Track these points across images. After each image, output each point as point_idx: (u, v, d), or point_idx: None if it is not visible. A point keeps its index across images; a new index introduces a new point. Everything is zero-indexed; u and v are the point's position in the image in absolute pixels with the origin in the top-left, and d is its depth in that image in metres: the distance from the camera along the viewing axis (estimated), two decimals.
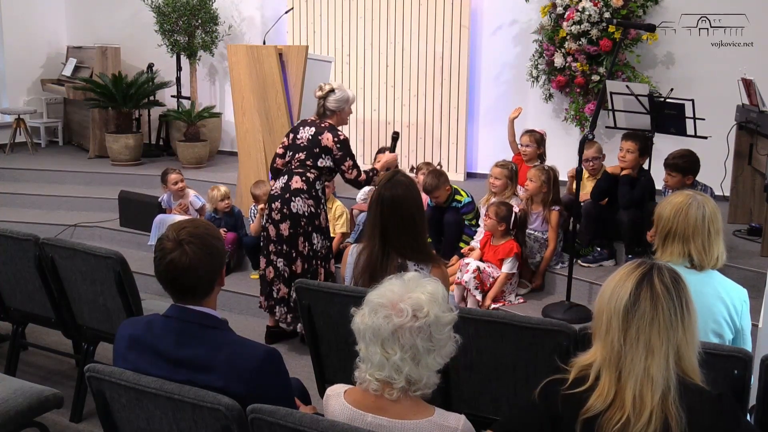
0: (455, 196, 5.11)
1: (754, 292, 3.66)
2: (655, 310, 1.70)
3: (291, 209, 4.28)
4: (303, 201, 4.29)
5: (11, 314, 3.88)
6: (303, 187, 4.29)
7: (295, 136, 4.39)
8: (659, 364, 1.67)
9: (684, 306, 1.72)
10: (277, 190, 4.35)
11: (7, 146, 8.59)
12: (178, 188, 5.81)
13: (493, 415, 2.70)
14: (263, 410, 1.84)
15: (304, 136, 4.35)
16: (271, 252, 4.38)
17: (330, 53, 7.51)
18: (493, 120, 7.28)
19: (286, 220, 4.30)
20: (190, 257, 2.02)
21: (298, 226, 4.30)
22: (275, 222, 4.33)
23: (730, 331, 2.58)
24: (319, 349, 2.97)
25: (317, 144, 4.30)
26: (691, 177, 4.60)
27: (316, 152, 4.31)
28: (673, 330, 1.70)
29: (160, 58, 8.31)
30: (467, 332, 2.52)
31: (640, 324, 1.69)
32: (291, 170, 4.34)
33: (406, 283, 1.87)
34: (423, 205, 2.99)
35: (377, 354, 1.80)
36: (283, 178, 4.36)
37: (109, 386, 2.09)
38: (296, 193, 4.28)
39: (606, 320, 1.74)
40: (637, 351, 1.68)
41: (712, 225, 2.54)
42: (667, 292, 1.71)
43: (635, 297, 1.71)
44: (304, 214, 4.30)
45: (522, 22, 7.00)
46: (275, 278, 4.39)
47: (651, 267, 1.77)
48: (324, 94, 4.38)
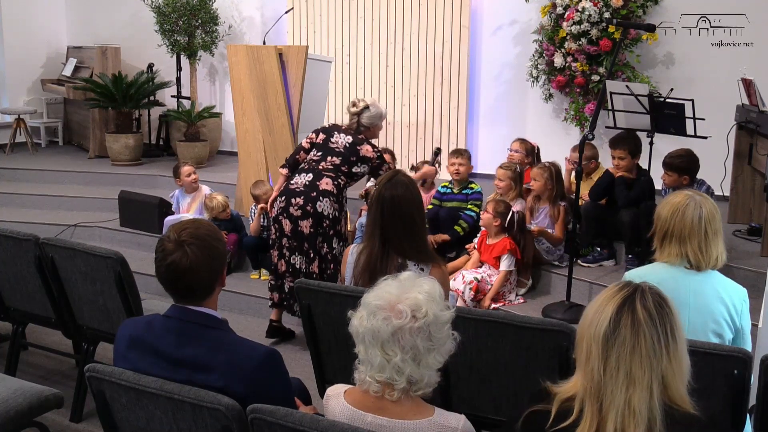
0: (470, 184, 5.23)
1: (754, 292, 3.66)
2: (636, 338, 1.58)
3: (316, 208, 4.26)
4: (330, 203, 4.30)
5: (11, 314, 3.87)
6: (333, 190, 4.31)
7: (327, 138, 4.42)
8: (641, 396, 1.56)
9: (669, 332, 1.61)
10: (299, 186, 4.31)
11: (7, 146, 8.59)
12: (192, 180, 5.81)
13: (493, 415, 2.70)
14: (263, 410, 1.84)
15: (341, 142, 4.40)
16: (284, 246, 4.35)
17: (330, 53, 7.52)
18: (493, 120, 7.29)
19: (308, 218, 4.27)
20: (191, 258, 2.02)
21: (319, 226, 4.29)
22: (294, 218, 4.29)
23: (730, 331, 2.58)
24: (319, 349, 2.97)
25: (355, 153, 4.37)
26: (687, 177, 4.59)
27: (353, 160, 4.37)
28: (657, 359, 1.58)
29: (160, 58, 8.31)
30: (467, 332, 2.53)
31: (620, 352, 1.58)
32: (320, 171, 4.33)
33: (403, 283, 1.87)
34: (423, 205, 2.99)
35: (378, 356, 1.79)
36: (306, 175, 4.34)
37: (109, 386, 2.09)
38: (325, 194, 4.28)
39: (586, 348, 1.64)
40: (617, 381, 1.58)
41: (709, 226, 2.54)
42: (649, 317, 1.60)
43: (615, 323, 1.60)
44: (329, 216, 4.30)
45: (522, 22, 7.00)
46: (287, 272, 4.37)
47: (634, 290, 1.65)
48: (359, 110, 4.46)
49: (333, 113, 7.60)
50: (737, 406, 2.35)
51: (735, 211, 5.41)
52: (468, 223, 5.06)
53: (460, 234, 5.05)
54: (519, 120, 7.17)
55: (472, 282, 4.58)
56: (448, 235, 5.03)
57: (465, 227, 5.05)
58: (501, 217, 4.68)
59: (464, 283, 4.58)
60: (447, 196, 5.26)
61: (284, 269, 4.39)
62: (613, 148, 4.80)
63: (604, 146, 5.72)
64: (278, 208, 4.36)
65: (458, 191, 5.23)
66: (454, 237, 5.05)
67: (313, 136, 4.50)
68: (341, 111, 7.63)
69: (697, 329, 2.54)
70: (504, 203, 4.75)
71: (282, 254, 4.38)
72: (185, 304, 2.09)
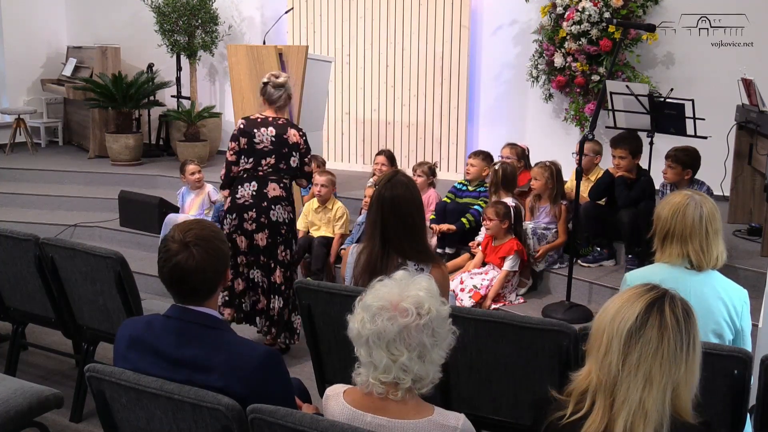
0: (484, 182, 5.30)
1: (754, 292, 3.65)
2: (661, 341, 1.58)
3: (270, 218, 4.12)
4: (283, 208, 4.15)
5: (11, 314, 3.87)
6: (282, 194, 4.15)
7: (250, 140, 4.14)
8: (656, 398, 1.56)
9: (691, 342, 1.61)
10: (247, 198, 4.12)
11: (7, 146, 8.59)
12: (195, 179, 5.82)
13: (493, 415, 2.70)
14: (263, 410, 1.84)
15: (265, 139, 4.13)
16: (241, 264, 4.18)
17: (330, 53, 7.51)
18: (493, 120, 7.28)
19: (263, 230, 4.12)
20: (197, 260, 2.03)
21: (278, 235, 4.15)
22: (249, 232, 4.13)
23: (730, 331, 2.58)
24: (319, 349, 2.97)
25: (284, 143, 4.13)
26: (690, 171, 4.62)
27: (285, 152, 4.13)
28: (676, 366, 1.58)
29: (160, 58, 8.31)
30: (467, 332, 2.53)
31: (643, 351, 1.57)
32: (261, 177, 4.13)
33: (400, 282, 1.87)
34: (423, 205, 2.99)
35: (383, 358, 1.79)
36: (249, 185, 4.13)
37: (109, 386, 2.09)
38: (276, 201, 4.12)
39: (606, 341, 1.62)
40: (635, 380, 1.57)
41: (710, 225, 2.54)
42: (677, 324, 1.59)
43: (642, 322, 1.59)
44: (285, 222, 4.16)
45: (522, 22, 7.00)
46: (247, 290, 4.23)
47: (664, 294, 1.65)
48: (283, 82, 4.17)
49: (333, 113, 7.60)
50: (737, 406, 2.35)
51: (735, 211, 5.41)
52: (474, 216, 5.09)
53: (465, 227, 5.07)
54: (519, 120, 7.17)
55: (471, 290, 4.59)
56: (454, 226, 5.05)
57: (471, 221, 5.07)
58: (506, 218, 4.68)
59: (463, 290, 4.59)
60: (462, 192, 5.36)
61: (242, 287, 4.22)
62: (614, 148, 4.81)
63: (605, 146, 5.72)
64: (230, 226, 4.16)
65: (473, 189, 5.32)
66: (459, 228, 5.06)
67: (234, 145, 4.18)
68: (341, 111, 7.64)
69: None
70: (502, 204, 4.74)
71: (238, 272, 4.20)
72: (186, 304, 2.10)
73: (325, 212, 5.34)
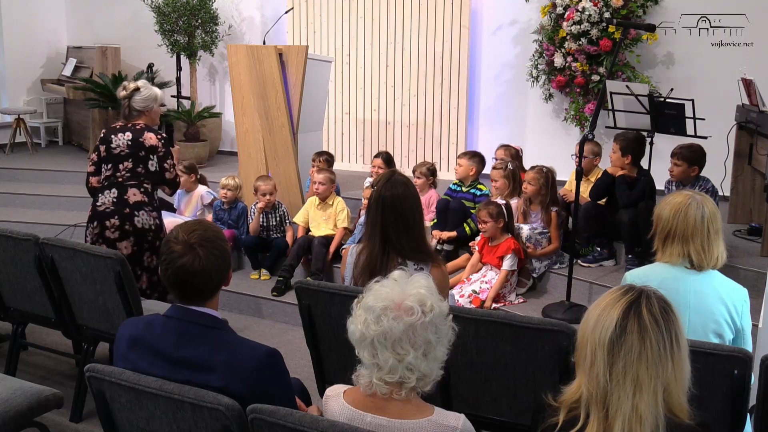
0: (478, 185, 5.33)
1: (754, 292, 3.66)
2: (643, 344, 1.57)
3: (135, 224, 4.01)
4: (147, 214, 4.05)
5: (11, 314, 3.87)
6: (144, 199, 4.04)
7: (108, 147, 4.06)
8: (648, 401, 1.56)
9: (674, 339, 1.60)
10: (108, 205, 4.01)
11: (7, 146, 8.59)
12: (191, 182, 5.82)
13: (493, 415, 2.70)
14: (263, 410, 1.84)
15: (122, 143, 4.05)
16: None
17: (330, 53, 7.52)
18: (493, 120, 7.29)
19: (128, 237, 4.01)
20: (203, 261, 2.03)
21: (143, 242, 4.04)
22: (111, 240, 4.00)
23: (731, 331, 2.58)
24: (319, 349, 2.97)
25: (141, 147, 4.04)
26: (696, 169, 4.64)
27: (143, 155, 4.05)
28: (662, 365, 1.58)
29: (160, 58, 8.30)
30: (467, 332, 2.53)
31: (627, 359, 1.57)
32: (121, 183, 4.04)
33: (399, 282, 1.87)
34: (421, 205, 2.99)
35: (389, 358, 1.79)
36: (110, 192, 4.03)
37: (109, 386, 2.09)
38: (138, 206, 4.02)
39: (590, 352, 1.62)
40: (624, 387, 1.56)
41: (711, 225, 2.54)
42: (655, 323, 1.58)
43: (621, 329, 1.58)
44: (151, 228, 4.06)
45: (522, 22, 7.00)
46: None
47: (639, 294, 1.63)
48: (129, 93, 4.07)
49: (333, 113, 7.60)
50: (737, 406, 2.35)
51: (735, 211, 5.41)
52: (476, 223, 5.09)
53: (467, 234, 5.08)
54: (519, 120, 7.17)
55: (471, 295, 4.60)
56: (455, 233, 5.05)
57: (473, 227, 5.07)
58: (500, 217, 4.67)
59: (462, 296, 4.59)
60: (456, 193, 5.38)
61: None
62: (614, 141, 4.86)
63: (605, 146, 5.73)
64: (92, 236, 4.05)
65: (466, 190, 5.33)
66: (460, 235, 5.07)
67: (94, 156, 4.13)
68: (341, 111, 7.64)
69: (698, 329, 2.54)
70: (493, 204, 4.73)
71: None
72: (188, 305, 2.09)
73: (325, 208, 5.37)
